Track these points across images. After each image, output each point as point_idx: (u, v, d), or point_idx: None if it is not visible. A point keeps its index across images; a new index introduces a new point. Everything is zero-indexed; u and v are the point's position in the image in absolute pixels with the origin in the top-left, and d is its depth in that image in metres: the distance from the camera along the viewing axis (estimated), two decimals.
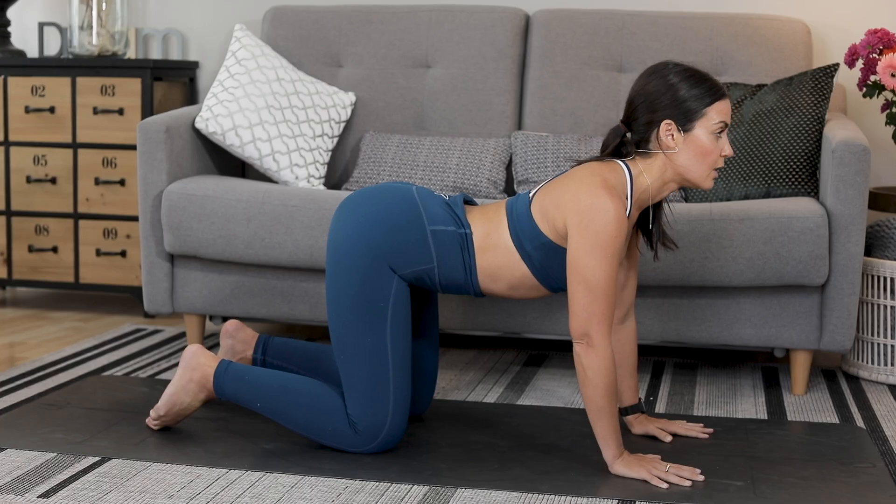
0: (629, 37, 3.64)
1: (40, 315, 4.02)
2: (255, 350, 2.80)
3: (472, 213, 2.52)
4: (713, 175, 2.42)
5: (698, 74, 2.39)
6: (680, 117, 2.37)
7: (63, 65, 3.98)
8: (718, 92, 2.39)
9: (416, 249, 2.44)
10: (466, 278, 2.47)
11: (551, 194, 2.42)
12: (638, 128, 2.41)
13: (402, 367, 2.46)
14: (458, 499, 2.23)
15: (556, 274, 2.45)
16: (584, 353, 2.32)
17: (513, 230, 2.44)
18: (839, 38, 3.76)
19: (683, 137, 2.38)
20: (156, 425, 2.62)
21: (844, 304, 2.97)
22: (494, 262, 2.46)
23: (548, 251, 2.42)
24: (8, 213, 4.04)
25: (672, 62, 2.42)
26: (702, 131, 2.38)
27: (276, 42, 3.84)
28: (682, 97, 2.37)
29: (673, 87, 2.37)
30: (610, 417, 2.33)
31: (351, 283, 2.43)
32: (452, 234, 2.45)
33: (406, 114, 3.72)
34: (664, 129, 2.38)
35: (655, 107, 2.38)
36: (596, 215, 2.30)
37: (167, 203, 3.21)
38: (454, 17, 3.76)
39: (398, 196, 2.49)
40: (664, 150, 2.39)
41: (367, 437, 2.45)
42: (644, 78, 2.42)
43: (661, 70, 2.41)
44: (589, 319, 2.30)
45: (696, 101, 2.37)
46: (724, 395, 3.06)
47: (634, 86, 2.43)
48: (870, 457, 2.52)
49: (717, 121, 2.38)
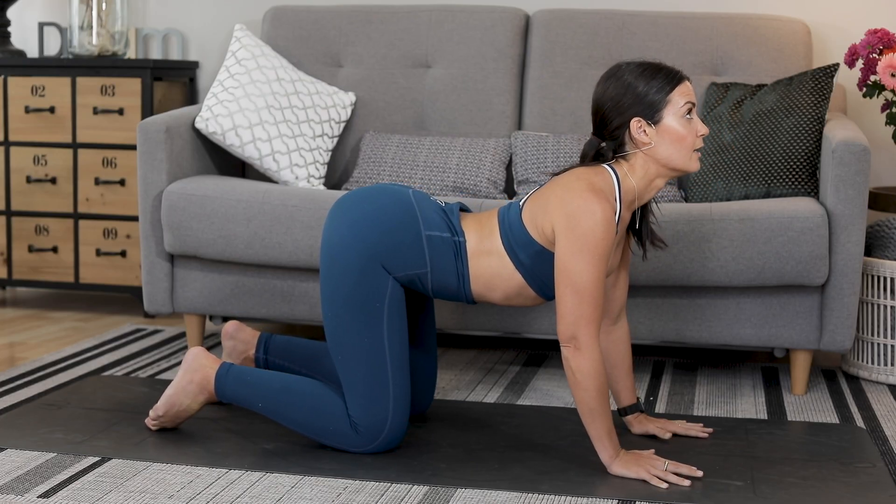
0: (629, 37, 3.64)
1: (40, 315, 4.02)
2: (256, 349, 2.80)
3: (466, 220, 2.52)
4: (696, 156, 2.43)
5: (652, 66, 2.41)
6: (646, 111, 2.39)
7: (63, 65, 3.99)
8: (676, 77, 2.41)
9: (410, 252, 2.44)
10: (459, 286, 2.47)
11: (539, 200, 2.43)
12: (610, 134, 2.43)
13: (400, 367, 2.46)
14: (458, 499, 2.23)
15: (549, 281, 2.45)
16: (572, 357, 2.32)
17: (505, 238, 2.45)
18: (839, 38, 3.76)
19: (655, 130, 2.39)
20: (154, 426, 2.62)
21: (844, 304, 2.97)
22: (488, 271, 2.46)
23: (540, 258, 2.42)
24: (8, 213, 4.04)
25: (624, 62, 2.45)
26: (671, 118, 2.39)
27: (276, 42, 3.84)
28: (642, 92, 2.38)
29: (631, 86, 2.39)
30: (603, 419, 2.33)
31: (346, 283, 2.43)
32: (447, 241, 2.46)
33: (406, 114, 3.72)
34: (635, 128, 2.39)
35: (621, 109, 2.40)
36: (582, 218, 2.30)
37: (167, 203, 3.21)
38: (454, 17, 3.76)
39: (394, 197, 2.49)
40: (641, 147, 2.40)
41: (369, 437, 2.46)
42: (602, 85, 2.44)
43: (616, 73, 2.43)
44: (577, 322, 2.30)
45: (657, 92, 2.38)
46: (723, 395, 3.06)
47: (595, 95, 2.45)
48: (870, 457, 2.52)
49: (683, 103, 2.39)
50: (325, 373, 2.74)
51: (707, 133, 2.45)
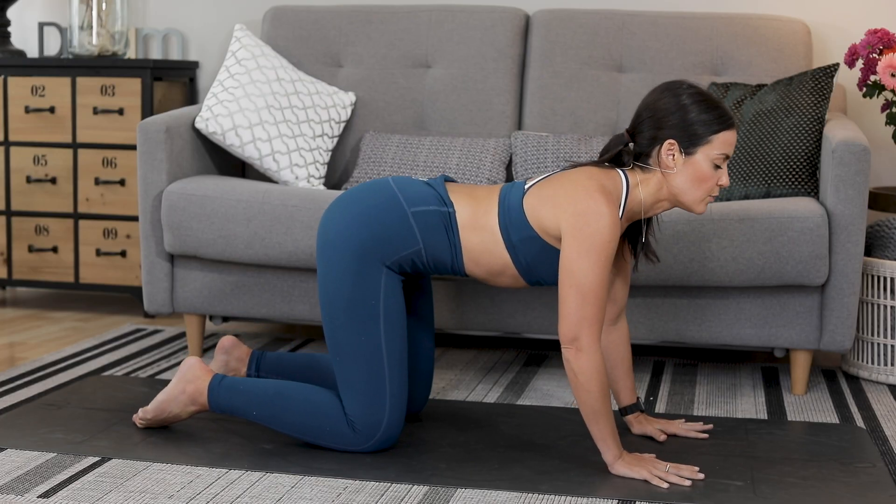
0: (629, 37, 3.64)
1: (40, 315, 4.02)
2: (248, 367, 2.78)
3: (456, 191, 2.51)
4: (707, 201, 2.42)
5: (710, 100, 2.38)
6: (684, 139, 2.36)
7: (63, 65, 3.98)
8: (728, 122, 2.37)
9: (399, 234, 2.44)
10: (452, 258, 2.47)
11: (546, 191, 2.42)
12: (641, 140, 2.40)
13: (397, 365, 2.46)
14: (458, 499, 2.23)
15: (536, 267, 2.45)
16: (574, 359, 2.31)
17: (502, 218, 2.44)
18: (839, 38, 3.76)
19: (683, 159, 2.37)
20: (141, 424, 2.63)
21: (844, 304, 2.97)
22: (479, 245, 2.45)
23: (530, 243, 2.42)
24: (8, 213, 4.04)
25: (688, 83, 2.40)
26: (703, 157, 2.36)
27: (276, 42, 3.84)
28: (690, 120, 2.35)
29: (683, 108, 2.36)
30: (606, 420, 2.33)
31: (342, 285, 2.43)
32: (435, 214, 2.45)
33: (406, 114, 3.72)
34: (666, 148, 2.37)
35: (662, 124, 2.37)
36: (591, 219, 2.30)
37: (167, 203, 3.21)
38: (454, 17, 3.76)
39: (376, 190, 2.49)
40: (662, 168, 2.39)
41: (366, 435, 2.46)
42: (657, 93, 2.40)
43: (676, 88, 2.39)
44: (579, 323, 2.30)
45: (704, 127, 2.35)
46: (724, 395, 3.06)
47: (646, 98, 2.42)
48: (870, 457, 2.52)
49: (720, 152, 2.37)
50: (318, 383, 2.73)
51: (727, 185, 2.43)
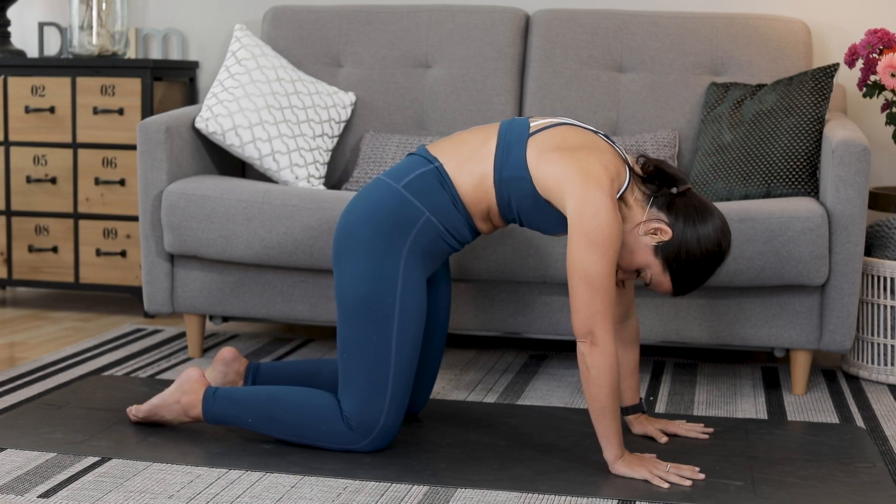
0: (629, 37, 3.64)
1: (40, 315, 4.02)
2: (245, 379, 2.77)
3: (440, 145, 2.52)
4: (620, 276, 2.47)
5: (710, 272, 2.41)
6: (670, 258, 2.38)
7: (63, 65, 3.99)
8: (685, 292, 2.44)
9: (403, 213, 2.44)
10: (458, 213, 2.47)
11: (555, 155, 2.41)
12: (659, 195, 2.41)
13: (404, 368, 2.46)
14: (458, 499, 2.23)
15: (517, 204, 2.44)
16: (588, 352, 2.32)
17: (498, 151, 2.45)
18: (839, 38, 3.76)
19: (651, 249, 2.39)
20: (133, 419, 2.65)
21: (844, 304, 2.97)
22: (470, 182, 2.46)
23: (520, 182, 2.42)
24: (8, 213, 4.04)
25: (728, 245, 2.41)
26: (661, 272, 2.40)
27: (276, 42, 3.84)
28: (689, 262, 2.38)
29: (696, 258, 2.38)
30: (613, 417, 2.33)
31: (359, 284, 2.43)
32: (422, 175, 2.46)
33: (406, 114, 3.72)
34: (659, 233, 2.39)
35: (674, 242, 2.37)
36: (599, 212, 2.30)
37: (167, 203, 3.21)
38: (454, 17, 3.76)
39: (370, 186, 2.51)
40: (644, 225, 2.40)
41: (361, 432, 2.45)
42: (698, 227, 2.39)
43: (719, 243, 2.40)
44: (592, 316, 2.31)
45: (694, 272, 2.39)
46: (724, 395, 3.06)
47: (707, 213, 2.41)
48: (870, 457, 2.52)
49: (657, 281, 2.42)
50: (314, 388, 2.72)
51: (644, 282, 2.46)
